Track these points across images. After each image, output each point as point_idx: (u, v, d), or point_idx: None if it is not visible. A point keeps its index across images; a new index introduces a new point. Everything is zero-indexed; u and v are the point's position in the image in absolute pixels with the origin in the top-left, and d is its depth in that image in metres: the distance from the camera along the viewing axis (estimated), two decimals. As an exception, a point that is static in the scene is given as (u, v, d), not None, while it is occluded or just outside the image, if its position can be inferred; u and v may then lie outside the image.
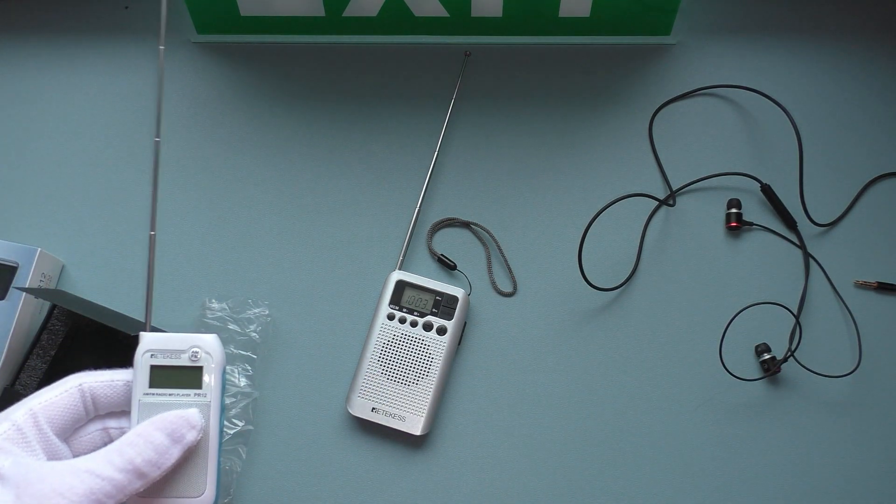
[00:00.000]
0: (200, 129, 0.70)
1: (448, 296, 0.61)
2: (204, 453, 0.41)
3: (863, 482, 0.57)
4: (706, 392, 0.60)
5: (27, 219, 0.68)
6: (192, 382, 0.42)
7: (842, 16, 0.71)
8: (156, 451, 0.38)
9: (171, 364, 0.42)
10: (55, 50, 0.74)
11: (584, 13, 0.68)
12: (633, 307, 0.63)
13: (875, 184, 0.65)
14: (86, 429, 0.40)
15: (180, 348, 0.42)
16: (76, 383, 0.39)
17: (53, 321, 0.62)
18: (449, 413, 0.61)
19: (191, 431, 0.40)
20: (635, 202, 0.65)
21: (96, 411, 0.40)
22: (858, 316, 0.61)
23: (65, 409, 0.38)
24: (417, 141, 0.69)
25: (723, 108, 0.69)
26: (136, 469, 0.37)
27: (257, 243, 0.66)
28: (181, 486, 0.41)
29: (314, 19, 0.70)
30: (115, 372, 0.41)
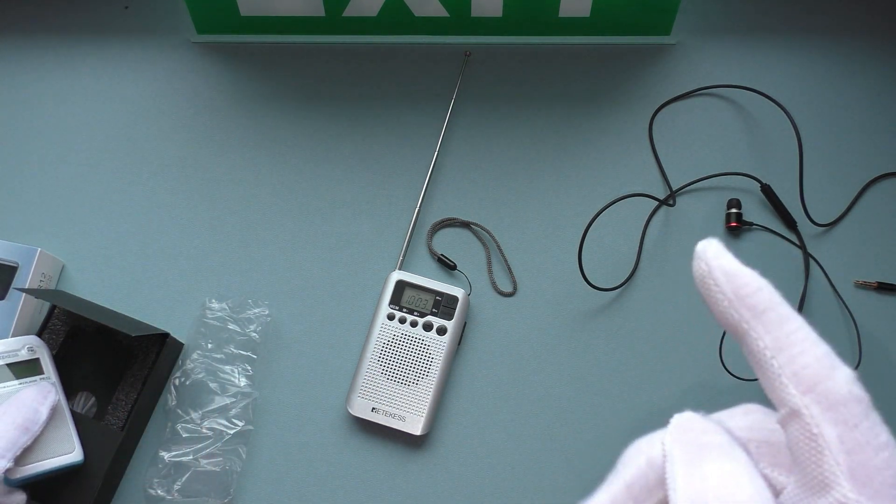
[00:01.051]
0: (200, 129, 0.70)
1: (448, 296, 0.61)
2: (65, 420, 0.56)
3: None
4: (706, 392, 0.60)
5: (27, 219, 0.68)
6: (36, 370, 0.57)
7: (841, 16, 0.71)
8: (31, 410, 0.52)
9: (16, 360, 0.56)
10: (55, 50, 0.74)
11: (584, 13, 0.68)
12: (633, 307, 0.63)
13: (875, 184, 0.65)
14: None
15: (17, 347, 0.57)
16: None
17: (54, 321, 0.62)
18: (449, 413, 0.61)
19: (49, 393, 0.55)
20: (635, 202, 0.65)
21: None
22: (858, 316, 0.61)
23: None
24: (417, 141, 0.69)
25: (723, 108, 0.69)
26: (21, 426, 0.51)
27: (257, 243, 0.66)
28: (55, 448, 0.55)
29: (314, 19, 0.70)
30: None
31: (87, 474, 0.57)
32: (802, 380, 0.20)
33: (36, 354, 0.58)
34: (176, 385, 0.61)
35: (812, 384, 0.20)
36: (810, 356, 0.20)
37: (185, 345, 0.63)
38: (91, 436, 0.57)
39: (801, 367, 0.20)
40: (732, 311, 0.21)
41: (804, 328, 0.20)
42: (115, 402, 0.59)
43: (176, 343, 0.62)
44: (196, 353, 0.61)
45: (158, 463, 0.58)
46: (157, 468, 0.58)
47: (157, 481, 0.58)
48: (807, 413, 0.19)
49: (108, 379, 0.60)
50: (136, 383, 0.60)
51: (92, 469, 0.57)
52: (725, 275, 0.21)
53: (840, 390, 0.20)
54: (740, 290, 0.21)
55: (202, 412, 0.59)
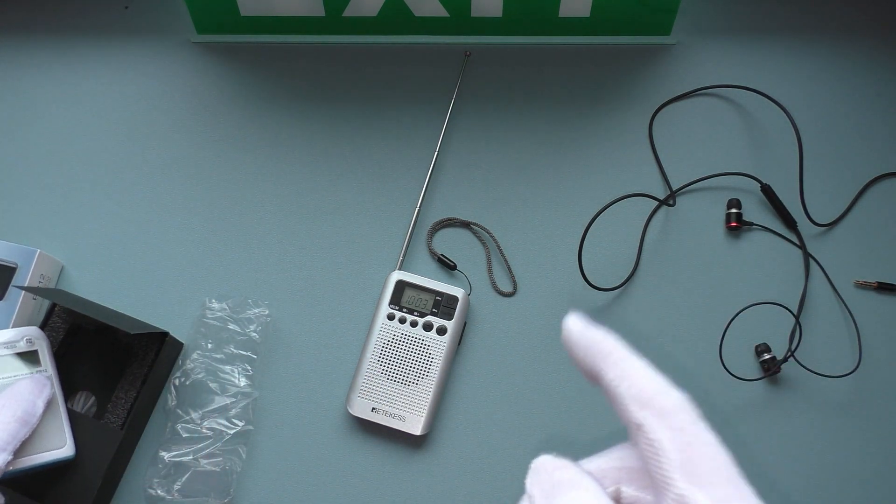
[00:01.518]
0: (200, 128, 0.70)
1: (448, 296, 0.61)
2: (58, 413, 0.56)
3: (863, 482, 0.57)
4: (706, 392, 0.60)
5: (26, 219, 0.68)
6: (33, 362, 0.57)
7: (841, 16, 0.71)
8: (30, 402, 0.52)
9: (14, 352, 0.56)
10: (55, 50, 0.74)
11: (584, 13, 0.68)
12: (633, 307, 0.63)
13: (875, 184, 0.65)
14: None
15: (16, 339, 0.56)
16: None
17: (54, 319, 0.62)
18: (449, 413, 0.61)
19: (45, 387, 0.54)
20: (635, 202, 0.65)
21: None
22: (858, 316, 0.61)
23: None
24: (417, 141, 0.69)
25: (723, 108, 0.69)
26: (21, 419, 0.51)
27: (257, 243, 0.66)
28: (46, 443, 0.55)
29: (314, 19, 0.70)
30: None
31: (86, 474, 0.56)
32: (640, 399, 0.26)
33: (34, 346, 0.57)
34: (176, 385, 0.61)
35: (647, 401, 0.26)
36: (645, 382, 0.26)
37: (185, 345, 0.63)
38: (90, 435, 0.57)
39: (639, 390, 0.26)
40: (588, 357, 0.28)
41: (640, 363, 0.27)
42: (115, 401, 0.59)
43: (176, 342, 0.62)
44: (196, 353, 0.61)
45: (158, 463, 0.58)
46: (157, 468, 0.58)
47: (157, 481, 0.57)
48: (645, 423, 0.25)
49: (108, 378, 0.60)
50: (136, 382, 0.60)
51: (91, 468, 0.57)
52: (580, 334, 0.28)
53: (669, 403, 0.25)
54: (591, 341, 0.28)
55: (202, 412, 0.59)
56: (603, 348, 0.28)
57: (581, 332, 0.29)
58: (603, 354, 0.28)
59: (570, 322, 0.28)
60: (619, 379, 0.27)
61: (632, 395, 0.26)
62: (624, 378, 0.27)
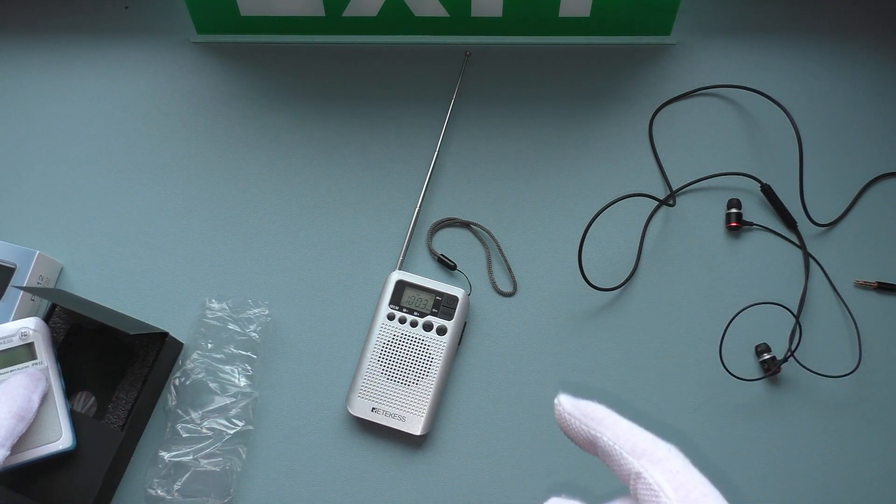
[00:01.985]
0: (200, 128, 0.70)
1: (448, 296, 0.61)
2: (53, 406, 0.56)
3: (863, 482, 0.57)
4: (706, 392, 0.60)
5: (27, 220, 0.68)
6: (28, 356, 0.57)
7: (841, 15, 0.71)
8: (25, 398, 0.52)
9: (8, 347, 0.57)
10: (55, 50, 0.74)
11: (584, 13, 0.68)
12: (633, 307, 0.63)
13: (875, 184, 0.65)
14: None
15: (10, 334, 0.57)
16: None
17: (54, 319, 0.62)
18: (449, 413, 0.61)
19: (40, 381, 0.55)
20: (635, 202, 0.65)
21: None
22: (858, 316, 0.61)
23: None
24: (417, 141, 0.69)
25: (723, 108, 0.69)
26: (17, 415, 0.51)
27: (257, 243, 0.66)
28: (42, 436, 0.55)
29: (314, 19, 0.70)
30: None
31: (87, 474, 0.56)
32: (636, 451, 0.30)
33: (30, 339, 0.57)
34: (176, 385, 0.61)
35: (643, 452, 0.30)
36: (638, 437, 0.30)
37: (185, 345, 0.63)
38: (91, 435, 0.57)
39: (633, 444, 0.30)
40: (583, 426, 0.32)
41: (630, 424, 0.31)
42: (115, 401, 0.59)
43: (176, 342, 0.62)
44: (196, 353, 0.61)
45: (158, 463, 0.58)
46: (157, 468, 0.58)
47: (157, 481, 0.58)
48: (643, 471, 0.29)
49: (108, 378, 0.60)
50: (136, 383, 0.60)
51: (92, 468, 0.57)
52: (574, 406, 0.33)
53: (661, 453, 0.29)
54: (585, 411, 0.32)
55: (202, 412, 0.59)
56: (595, 415, 0.32)
57: (574, 405, 0.33)
58: (596, 420, 0.32)
59: (561, 399, 0.33)
60: (615, 437, 0.31)
61: (628, 450, 0.30)
62: (619, 436, 0.31)
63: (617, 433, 0.31)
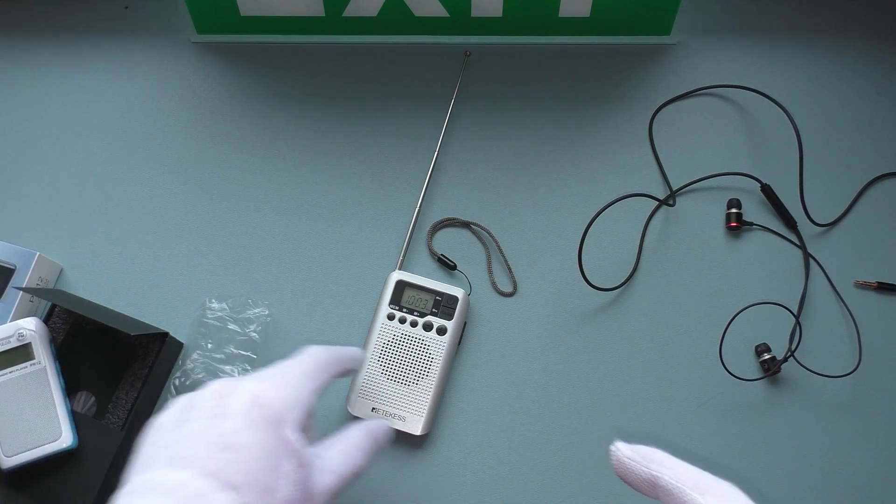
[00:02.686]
0: (200, 128, 0.70)
1: (448, 296, 0.61)
2: (51, 403, 0.56)
3: (863, 482, 0.57)
4: (706, 392, 0.60)
5: (26, 220, 0.68)
6: (26, 357, 0.57)
7: (841, 16, 0.71)
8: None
9: (5, 348, 0.56)
10: (55, 50, 0.74)
11: (584, 13, 0.68)
12: (633, 307, 0.63)
13: (875, 184, 0.65)
14: None
15: (8, 335, 0.57)
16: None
17: (54, 319, 0.62)
18: (449, 413, 0.61)
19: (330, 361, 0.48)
20: (635, 202, 0.65)
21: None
22: (858, 316, 0.61)
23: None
24: (417, 141, 0.69)
25: (723, 108, 0.69)
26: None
27: (257, 243, 0.66)
28: (43, 436, 0.55)
29: (314, 19, 0.70)
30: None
31: (87, 474, 0.56)
32: (699, 489, 0.33)
33: (27, 340, 0.57)
34: (176, 385, 0.61)
35: (706, 489, 0.33)
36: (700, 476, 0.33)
37: (184, 345, 0.63)
38: (91, 435, 0.57)
39: (696, 482, 0.33)
40: (643, 468, 0.35)
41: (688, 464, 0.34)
42: (115, 401, 0.59)
43: (176, 343, 0.62)
44: (196, 353, 0.61)
45: (158, 463, 0.58)
46: (156, 468, 0.58)
47: (156, 481, 0.57)
48: None
49: (108, 378, 0.60)
50: (137, 383, 0.60)
51: (92, 468, 0.57)
52: (632, 450, 0.36)
53: (724, 488, 0.33)
54: (643, 454, 0.35)
55: (202, 412, 0.59)
56: (655, 458, 0.35)
57: (632, 449, 0.36)
58: (656, 462, 0.34)
59: (619, 445, 0.36)
60: (678, 476, 0.33)
61: (691, 487, 0.33)
62: (680, 476, 0.33)
63: (678, 473, 0.34)
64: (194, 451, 0.37)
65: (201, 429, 0.38)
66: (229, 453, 0.37)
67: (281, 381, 0.42)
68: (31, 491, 0.56)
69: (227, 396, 0.40)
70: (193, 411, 0.40)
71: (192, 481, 0.35)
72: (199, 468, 0.36)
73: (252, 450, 0.38)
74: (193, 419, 0.39)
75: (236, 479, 0.36)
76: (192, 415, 0.40)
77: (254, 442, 0.38)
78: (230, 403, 0.40)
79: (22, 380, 0.56)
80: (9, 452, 0.55)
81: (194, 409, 0.40)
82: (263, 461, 0.38)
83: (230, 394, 0.40)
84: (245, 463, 0.37)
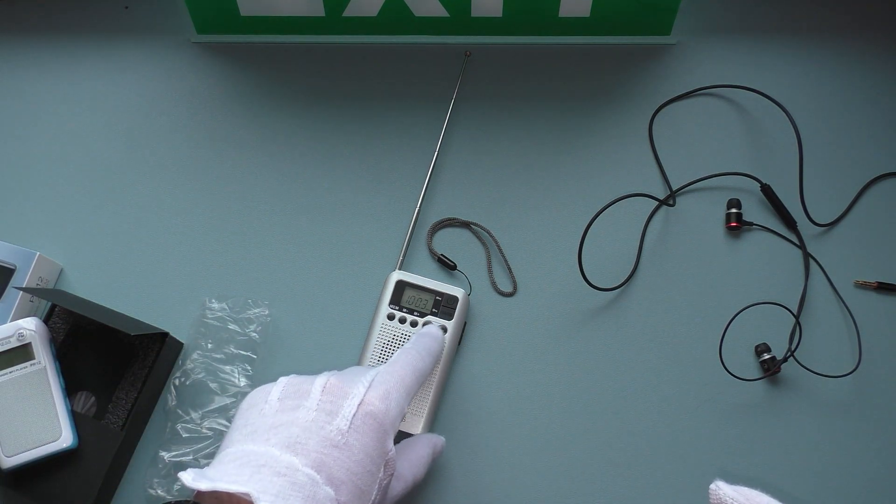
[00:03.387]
0: (200, 129, 0.70)
1: (448, 296, 0.61)
2: (50, 404, 0.56)
3: (863, 482, 0.57)
4: (706, 392, 0.60)
5: (26, 221, 0.68)
6: (26, 357, 0.57)
7: (841, 16, 0.71)
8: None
9: (5, 348, 0.56)
10: (55, 50, 0.74)
11: (584, 13, 0.68)
12: (633, 307, 0.63)
13: (875, 184, 0.65)
14: None
15: (8, 335, 0.57)
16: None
17: (54, 319, 0.62)
18: (449, 413, 0.61)
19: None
20: (635, 202, 0.65)
21: None
22: (858, 316, 0.61)
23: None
24: (417, 141, 0.69)
25: (723, 108, 0.69)
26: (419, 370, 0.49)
27: (257, 243, 0.66)
28: (43, 436, 0.55)
29: (314, 19, 0.70)
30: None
31: (86, 474, 0.56)
32: None
33: (27, 340, 0.57)
34: (176, 385, 0.61)
35: None
36: None
37: (185, 345, 0.63)
38: (91, 435, 0.57)
39: None
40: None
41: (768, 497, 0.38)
42: (115, 401, 0.59)
43: (176, 343, 0.62)
44: (196, 353, 0.61)
45: (158, 463, 0.58)
46: (157, 468, 0.58)
47: (157, 481, 0.58)
48: None
49: (108, 378, 0.60)
50: (137, 383, 0.60)
51: (92, 468, 0.57)
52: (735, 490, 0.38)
53: None
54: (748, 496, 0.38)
55: (202, 412, 0.59)
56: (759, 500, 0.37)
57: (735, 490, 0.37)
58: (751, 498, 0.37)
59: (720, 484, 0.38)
60: None
61: None
62: None
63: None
64: (306, 441, 0.39)
65: (315, 420, 0.40)
66: (339, 452, 0.39)
67: (387, 394, 0.44)
68: (31, 491, 0.56)
69: (340, 397, 0.42)
70: (305, 400, 0.42)
71: (303, 469, 0.38)
72: (309, 458, 0.38)
73: (358, 453, 0.40)
74: (305, 408, 0.41)
75: (339, 478, 0.39)
76: (303, 403, 0.41)
77: (360, 447, 0.40)
78: (343, 405, 0.42)
79: (22, 380, 0.56)
80: (9, 452, 0.55)
81: (306, 399, 0.42)
82: (365, 466, 0.40)
83: (342, 395, 0.42)
84: (350, 464, 0.39)
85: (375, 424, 0.42)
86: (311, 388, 0.43)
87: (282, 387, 0.43)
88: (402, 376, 0.46)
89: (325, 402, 0.42)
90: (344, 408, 0.41)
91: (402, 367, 0.47)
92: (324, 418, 0.41)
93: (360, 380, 0.44)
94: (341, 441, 0.40)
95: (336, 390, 0.42)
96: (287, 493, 0.36)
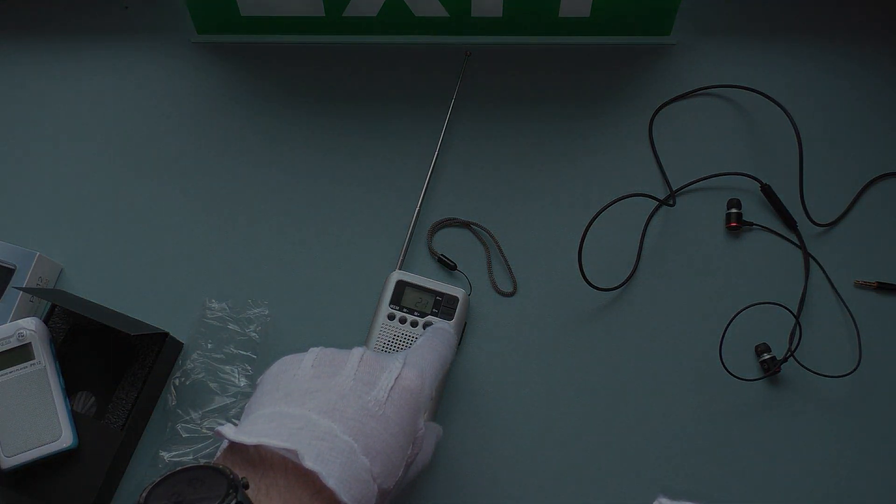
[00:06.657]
0: (200, 129, 0.70)
1: (448, 296, 0.61)
2: (51, 403, 0.56)
3: (863, 482, 0.57)
4: (706, 392, 0.60)
5: (26, 220, 0.68)
6: (25, 357, 0.56)
7: (841, 16, 0.71)
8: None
9: (5, 348, 0.56)
10: (55, 50, 0.74)
11: (584, 13, 0.68)
12: (633, 307, 0.63)
13: (875, 184, 0.65)
14: None
15: (8, 335, 0.57)
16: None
17: (54, 319, 0.62)
18: (449, 413, 0.61)
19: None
20: (635, 202, 0.65)
21: None
22: (858, 316, 0.61)
23: None
24: (417, 141, 0.69)
25: (723, 108, 0.69)
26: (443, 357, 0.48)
27: (257, 243, 0.66)
28: (43, 436, 0.55)
29: (314, 19, 0.70)
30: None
31: (87, 474, 0.56)
32: None
33: (27, 340, 0.57)
34: (176, 385, 0.61)
35: None
36: None
37: (185, 345, 0.63)
38: (91, 435, 0.57)
39: None
40: None
41: None
42: (115, 401, 0.59)
43: (176, 343, 0.62)
44: (196, 353, 0.61)
45: (158, 463, 0.58)
46: (157, 468, 0.58)
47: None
48: None
49: (108, 378, 0.60)
50: (137, 383, 0.60)
51: (92, 468, 0.57)
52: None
53: None
54: None
55: (202, 412, 0.59)
56: None
57: None
58: None
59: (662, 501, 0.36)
60: None
61: None
62: None
63: None
64: (344, 408, 0.38)
65: (353, 389, 0.40)
66: (376, 422, 0.39)
67: (422, 371, 0.43)
68: (31, 491, 0.56)
69: (377, 369, 0.41)
70: (342, 368, 0.41)
71: (342, 436, 0.37)
72: (347, 426, 0.38)
73: (393, 426, 0.39)
74: (342, 375, 0.40)
75: (375, 448, 0.38)
76: (340, 371, 0.41)
77: (397, 419, 0.40)
78: (380, 377, 0.41)
79: (22, 380, 0.56)
80: (9, 452, 0.55)
81: (342, 367, 0.41)
82: (399, 440, 0.39)
83: (379, 368, 0.42)
84: (386, 436, 0.39)
85: (412, 399, 0.41)
86: (346, 358, 0.42)
87: (314, 355, 0.43)
88: (432, 360, 0.46)
89: (362, 371, 0.41)
90: (381, 380, 0.41)
91: (430, 351, 0.47)
92: (361, 388, 0.40)
93: (394, 356, 0.44)
94: (378, 412, 0.39)
95: (373, 362, 0.42)
96: (327, 458, 0.35)
